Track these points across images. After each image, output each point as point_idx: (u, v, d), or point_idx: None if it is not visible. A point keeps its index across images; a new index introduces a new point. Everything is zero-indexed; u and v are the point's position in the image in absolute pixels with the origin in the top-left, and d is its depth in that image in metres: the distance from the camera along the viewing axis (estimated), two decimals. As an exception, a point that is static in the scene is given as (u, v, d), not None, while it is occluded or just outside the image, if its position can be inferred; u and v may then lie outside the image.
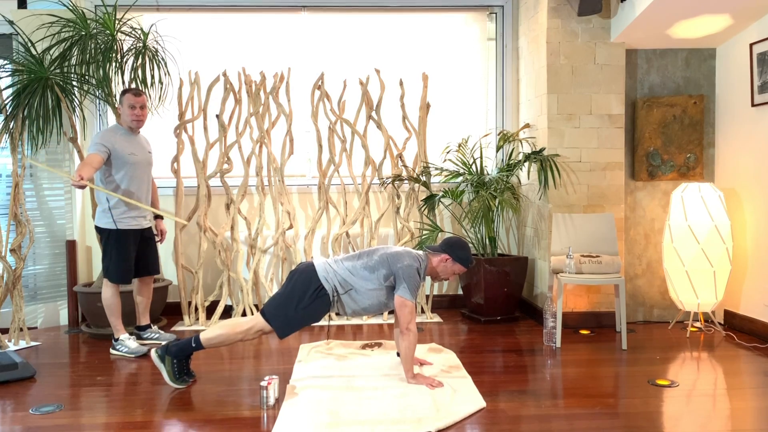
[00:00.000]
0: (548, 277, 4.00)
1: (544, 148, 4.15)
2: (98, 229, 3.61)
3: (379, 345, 3.65)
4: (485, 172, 4.59)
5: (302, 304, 2.84)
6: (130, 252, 3.59)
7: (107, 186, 3.54)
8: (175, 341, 2.94)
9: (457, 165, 4.57)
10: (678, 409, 2.64)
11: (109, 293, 3.59)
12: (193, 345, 2.88)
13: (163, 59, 4.30)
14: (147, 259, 3.73)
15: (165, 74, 4.37)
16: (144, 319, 3.83)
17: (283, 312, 2.85)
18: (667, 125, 4.21)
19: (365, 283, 2.88)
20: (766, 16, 3.75)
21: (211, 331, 2.89)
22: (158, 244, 3.84)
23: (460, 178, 4.49)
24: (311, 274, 2.88)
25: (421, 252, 3.03)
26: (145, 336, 3.82)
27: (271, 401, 2.68)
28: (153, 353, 2.93)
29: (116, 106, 3.57)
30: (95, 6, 4.56)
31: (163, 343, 3.76)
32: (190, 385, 3.00)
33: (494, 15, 4.92)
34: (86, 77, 4.04)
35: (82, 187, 3.23)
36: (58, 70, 3.97)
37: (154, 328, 3.83)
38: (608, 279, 3.67)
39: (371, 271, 2.88)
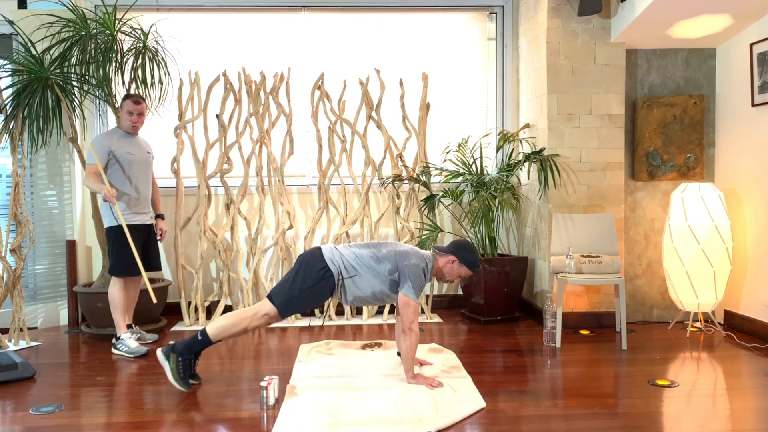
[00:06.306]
0: (548, 277, 4.00)
1: (544, 148, 4.15)
2: (105, 228, 3.69)
3: (379, 345, 3.65)
4: (485, 172, 4.59)
5: (306, 284, 2.87)
6: (132, 245, 3.62)
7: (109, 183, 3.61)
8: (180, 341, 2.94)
9: (457, 165, 4.57)
10: (678, 409, 2.64)
11: (114, 289, 3.65)
12: (200, 338, 2.87)
13: (163, 59, 4.30)
14: (149, 255, 3.82)
15: (165, 74, 4.37)
16: (127, 318, 3.82)
17: (288, 290, 2.88)
18: (667, 125, 4.21)
19: (369, 271, 2.91)
20: (766, 16, 3.75)
21: (217, 321, 2.89)
22: (159, 243, 3.91)
23: (460, 178, 4.49)
24: (318, 256, 2.93)
25: (428, 252, 3.04)
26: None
27: (271, 401, 2.68)
28: (159, 351, 2.92)
29: (116, 107, 3.63)
30: (95, 6, 4.56)
31: (149, 341, 3.87)
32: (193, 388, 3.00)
33: (494, 15, 4.92)
34: (86, 77, 4.05)
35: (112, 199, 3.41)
36: (58, 70, 3.97)
37: (136, 328, 3.83)
38: (608, 279, 3.67)
39: (377, 262, 2.91)
